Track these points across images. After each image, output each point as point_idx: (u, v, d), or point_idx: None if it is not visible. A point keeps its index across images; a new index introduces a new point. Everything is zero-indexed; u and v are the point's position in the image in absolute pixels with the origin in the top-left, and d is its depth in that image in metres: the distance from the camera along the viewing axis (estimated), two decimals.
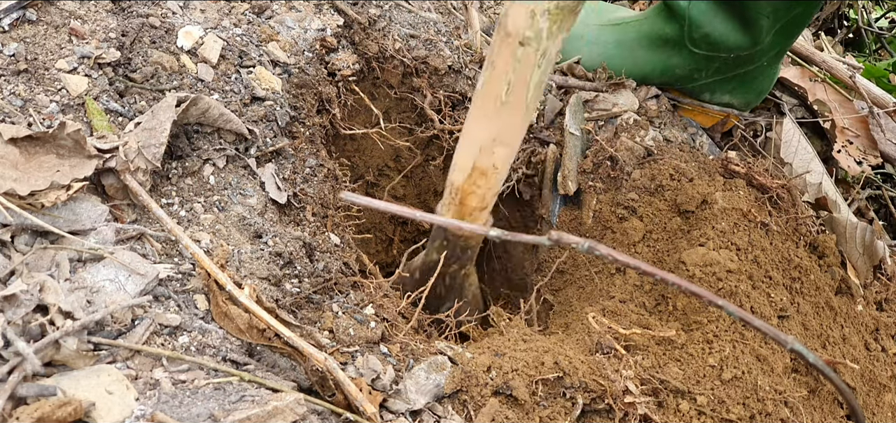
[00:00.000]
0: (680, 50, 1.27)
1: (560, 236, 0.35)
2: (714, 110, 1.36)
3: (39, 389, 0.61)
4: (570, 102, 1.26)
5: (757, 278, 1.04)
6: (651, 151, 1.22)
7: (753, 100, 1.36)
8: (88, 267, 0.73)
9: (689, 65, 1.28)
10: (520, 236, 0.38)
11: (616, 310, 1.03)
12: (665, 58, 1.29)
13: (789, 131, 1.36)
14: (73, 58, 0.87)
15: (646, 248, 1.15)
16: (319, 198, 1.03)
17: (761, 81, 1.32)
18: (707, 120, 1.37)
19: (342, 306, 0.90)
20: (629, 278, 1.10)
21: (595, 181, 1.21)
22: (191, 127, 0.92)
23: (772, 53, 1.26)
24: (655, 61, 1.30)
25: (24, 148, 0.76)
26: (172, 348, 0.71)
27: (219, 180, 0.91)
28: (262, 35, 1.08)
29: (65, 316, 0.67)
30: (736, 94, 1.33)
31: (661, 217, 1.15)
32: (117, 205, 0.80)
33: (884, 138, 1.40)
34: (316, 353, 0.73)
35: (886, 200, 1.49)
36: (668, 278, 0.35)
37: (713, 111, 1.36)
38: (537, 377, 0.84)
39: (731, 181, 1.16)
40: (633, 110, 1.28)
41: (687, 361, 0.94)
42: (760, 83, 1.33)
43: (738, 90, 1.33)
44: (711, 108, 1.36)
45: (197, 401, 0.65)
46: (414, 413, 0.79)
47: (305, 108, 1.08)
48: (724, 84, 1.32)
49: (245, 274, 0.83)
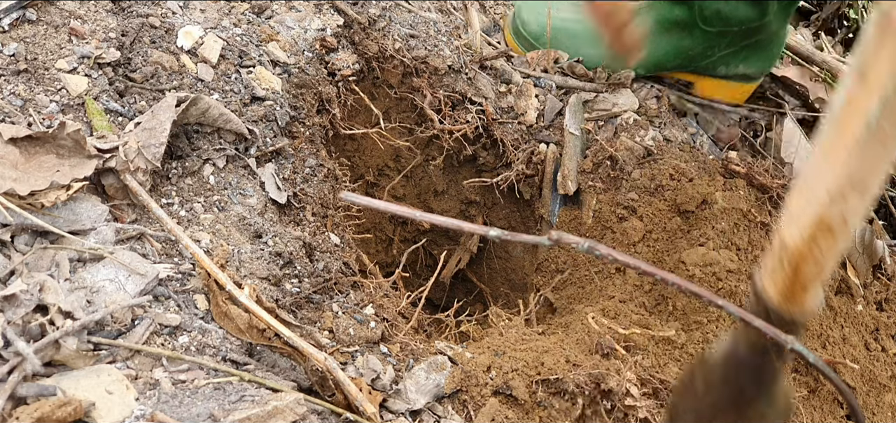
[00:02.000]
0: (692, 31, 1.28)
1: (560, 235, 0.35)
2: (734, 85, 1.36)
3: (39, 389, 0.61)
4: (570, 102, 1.26)
5: None
6: (651, 151, 1.22)
7: (767, 66, 1.38)
8: (88, 267, 0.73)
9: (702, 43, 1.30)
10: (520, 236, 0.38)
11: (616, 310, 1.03)
12: (677, 41, 1.30)
13: (790, 131, 1.36)
14: (73, 58, 0.87)
15: (646, 248, 1.15)
16: (319, 198, 1.03)
17: (773, 47, 1.34)
18: (730, 94, 1.37)
19: (342, 306, 0.90)
20: (629, 278, 1.10)
21: (595, 181, 1.21)
22: (191, 127, 0.92)
23: (780, 18, 1.28)
24: (668, 47, 1.31)
25: (24, 148, 0.76)
26: (172, 348, 0.71)
27: (219, 180, 0.91)
28: (262, 35, 1.08)
29: (65, 316, 0.67)
30: (750, 62, 1.35)
31: (661, 217, 1.15)
32: (117, 205, 0.80)
33: None
34: (316, 353, 0.73)
35: (886, 201, 1.49)
36: (668, 278, 0.35)
37: (733, 86, 1.36)
38: (537, 378, 0.84)
39: (732, 181, 1.16)
40: (633, 110, 1.28)
41: (687, 361, 0.94)
42: (772, 48, 1.35)
43: (752, 58, 1.34)
44: (730, 82, 1.36)
45: (197, 401, 0.65)
46: (414, 413, 0.79)
47: (305, 108, 1.08)
48: (737, 55, 1.33)
49: (245, 274, 0.83)
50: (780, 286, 0.63)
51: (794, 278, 0.64)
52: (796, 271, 0.64)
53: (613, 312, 1.02)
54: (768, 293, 0.61)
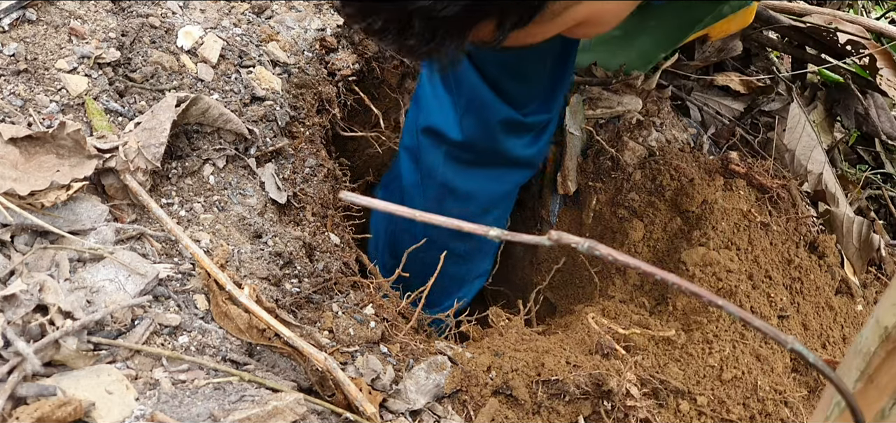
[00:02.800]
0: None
1: (560, 236, 0.35)
2: (738, 13, 1.32)
3: (39, 389, 0.61)
4: (570, 101, 1.26)
5: (757, 278, 1.04)
6: (652, 152, 1.22)
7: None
8: (88, 267, 0.73)
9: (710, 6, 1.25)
10: (520, 236, 0.38)
11: (616, 310, 1.03)
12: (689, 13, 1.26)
13: (795, 117, 1.35)
14: (73, 58, 0.87)
15: (646, 248, 1.15)
16: (319, 198, 1.03)
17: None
18: (739, 23, 1.33)
19: (342, 306, 0.90)
20: (629, 278, 1.10)
21: (595, 181, 1.21)
22: (191, 127, 0.92)
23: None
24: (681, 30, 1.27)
25: (24, 148, 0.76)
26: (172, 348, 0.71)
27: (219, 180, 0.91)
28: (262, 35, 1.08)
29: (65, 316, 0.67)
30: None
31: (661, 217, 1.15)
32: (117, 205, 0.80)
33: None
34: (316, 353, 0.73)
35: (886, 200, 1.49)
36: (668, 278, 0.35)
37: (738, 14, 1.32)
38: (537, 378, 0.84)
39: (732, 181, 1.16)
40: (636, 110, 1.28)
41: (687, 361, 0.94)
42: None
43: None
44: (736, 14, 1.32)
45: (197, 401, 0.65)
46: (414, 413, 0.79)
47: (305, 108, 1.08)
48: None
49: (245, 274, 0.83)
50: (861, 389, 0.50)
51: (869, 384, 0.50)
52: (872, 376, 0.51)
53: (613, 312, 1.02)
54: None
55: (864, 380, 0.48)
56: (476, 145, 1.09)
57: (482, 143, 1.09)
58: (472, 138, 1.08)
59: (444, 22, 0.58)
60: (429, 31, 0.60)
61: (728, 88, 1.46)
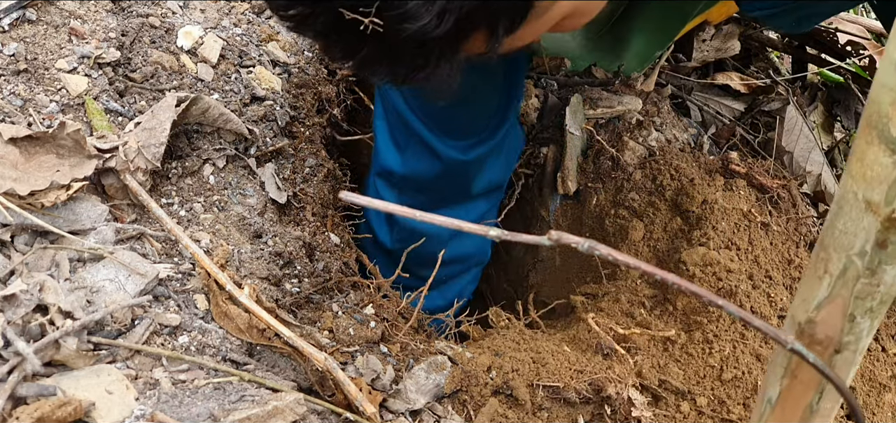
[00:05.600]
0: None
1: (560, 236, 0.35)
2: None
3: (39, 389, 0.61)
4: (570, 102, 1.26)
5: (757, 278, 1.04)
6: (653, 152, 1.22)
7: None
8: (88, 267, 0.73)
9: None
10: (520, 236, 0.38)
11: (616, 310, 1.03)
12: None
13: (792, 119, 1.36)
14: (73, 58, 0.87)
15: (646, 248, 1.15)
16: (319, 198, 1.03)
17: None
18: (722, 11, 1.33)
19: (342, 305, 0.90)
20: (629, 278, 1.10)
21: (595, 181, 1.21)
22: (191, 127, 0.92)
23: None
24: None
25: (24, 148, 0.76)
26: (172, 348, 0.71)
27: (219, 180, 0.91)
28: (261, 35, 1.08)
29: (65, 316, 0.66)
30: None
31: (661, 217, 1.15)
32: (117, 205, 0.80)
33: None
34: (316, 353, 0.73)
35: None
36: (668, 278, 0.35)
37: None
38: (537, 378, 0.84)
39: (732, 181, 1.16)
40: (636, 110, 1.28)
41: (687, 361, 0.94)
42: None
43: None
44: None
45: (197, 401, 0.65)
46: (414, 413, 0.79)
47: (305, 108, 1.08)
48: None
49: (245, 274, 0.83)
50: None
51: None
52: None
53: (613, 312, 1.02)
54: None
55: (788, 376, 0.49)
56: (422, 181, 1.09)
57: (430, 181, 1.09)
58: (416, 173, 1.08)
59: (437, 43, 0.56)
60: (422, 57, 0.57)
61: (728, 88, 1.46)
